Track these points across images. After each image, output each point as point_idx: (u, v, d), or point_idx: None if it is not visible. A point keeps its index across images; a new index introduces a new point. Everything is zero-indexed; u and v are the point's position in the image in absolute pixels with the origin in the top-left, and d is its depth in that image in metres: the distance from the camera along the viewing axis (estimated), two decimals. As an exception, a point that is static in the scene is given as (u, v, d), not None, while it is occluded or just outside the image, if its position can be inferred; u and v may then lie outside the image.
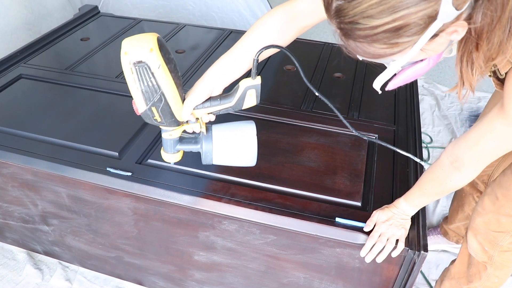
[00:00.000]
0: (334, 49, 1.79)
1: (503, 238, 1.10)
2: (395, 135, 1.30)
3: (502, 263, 1.15)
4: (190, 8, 2.62)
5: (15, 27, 2.23)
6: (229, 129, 0.94)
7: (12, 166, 1.22)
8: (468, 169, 0.85)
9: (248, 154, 0.94)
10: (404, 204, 0.98)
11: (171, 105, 0.85)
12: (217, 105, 0.90)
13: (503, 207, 1.07)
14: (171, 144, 0.95)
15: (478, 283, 1.23)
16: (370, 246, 0.98)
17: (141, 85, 0.80)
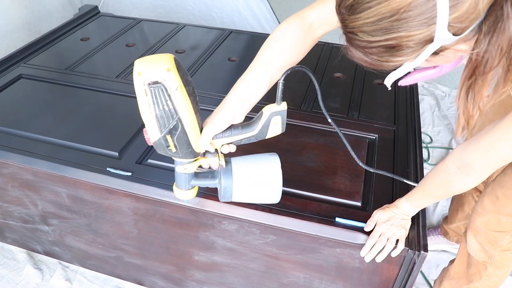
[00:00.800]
0: (334, 49, 1.79)
1: (503, 237, 1.10)
2: (395, 135, 1.30)
3: (502, 262, 1.15)
4: (190, 8, 2.62)
5: (15, 27, 2.23)
6: (251, 163, 0.85)
7: (12, 166, 1.22)
8: (476, 174, 0.83)
9: (271, 191, 0.84)
10: (406, 204, 0.97)
11: (188, 133, 0.75)
12: (239, 134, 0.81)
13: (504, 207, 1.06)
14: (185, 180, 0.85)
15: (479, 283, 1.23)
16: (370, 246, 0.97)
17: (156, 109, 0.72)
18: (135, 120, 1.32)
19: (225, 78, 1.56)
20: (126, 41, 1.81)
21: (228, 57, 1.70)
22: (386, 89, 1.64)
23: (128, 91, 1.47)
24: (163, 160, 1.18)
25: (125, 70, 1.60)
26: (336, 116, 1.37)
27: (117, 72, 1.58)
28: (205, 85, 1.51)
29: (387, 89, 0.76)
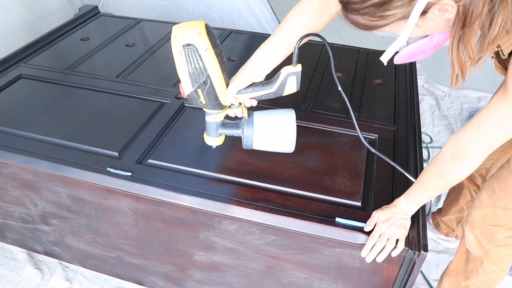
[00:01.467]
0: (334, 49, 1.79)
1: (498, 232, 1.11)
2: (395, 135, 1.30)
3: (498, 258, 1.16)
4: (190, 8, 2.62)
5: (15, 27, 2.23)
6: (270, 115, 0.98)
7: (12, 166, 1.22)
8: (470, 158, 0.85)
9: (287, 140, 0.97)
10: (404, 202, 0.98)
11: (216, 88, 0.89)
12: (259, 90, 0.94)
13: (500, 200, 1.07)
14: (214, 128, 0.99)
15: (476, 279, 1.23)
16: (370, 246, 0.98)
17: (189, 67, 0.84)
18: (135, 120, 1.33)
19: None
20: (126, 41, 1.81)
21: (228, 57, 1.70)
22: (386, 89, 1.65)
23: (128, 91, 1.47)
24: (163, 160, 1.18)
25: (125, 70, 1.60)
26: (336, 116, 1.37)
27: (117, 72, 1.58)
28: (205, 85, 1.51)
29: (383, 64, 0.84)
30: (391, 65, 1.72)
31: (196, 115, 1.37)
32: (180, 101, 1.41)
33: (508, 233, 1.11)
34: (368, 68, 1.66)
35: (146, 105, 1.41)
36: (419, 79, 2.64)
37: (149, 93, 1.45)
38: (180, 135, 1.28)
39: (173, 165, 1.17)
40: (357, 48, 1.81)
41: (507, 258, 1.17)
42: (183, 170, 1.16)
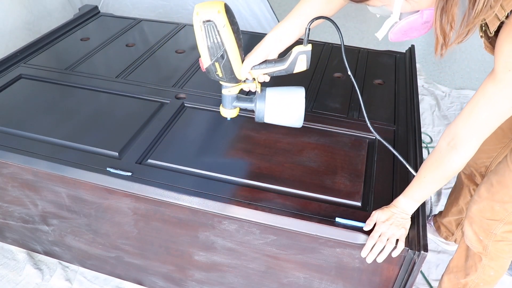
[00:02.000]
0: (334, 49, 1.79)
1: (496, 226, 1.12)
2: (395, 135, 1.30)
3: (496, 254, 1.17)
4: (190, 8, 2.62)
5: (15, 27, 2.23)
6: (281, 91, 1.05)
7: (12, 166, 1.22)
8: (464, 145, 0.87)
9: (296, 115, 1.05)
10: (404, 201, 0.98)
11: (232, 62, 0.96)
12: (272, 67, 1.00)
13: (497, 193, 1.09)
14: (229, 100, 1.06)
15: (475, 276, 1.24)
16: (370, 246, 0.98)
17: (208, 41, 0.92)
18: (135, 120, 1.33)
19: (225, 78, 1.56)
20: (126, 41, 1.81)
21: (228, 57, 1.70)
22: (386, 89, 1.64)
23: (128, 91, 1.47)
24: (163, 160, 1.18)
25: (125, 70, 1.60)
26: (336, 116, 1.37)
27: (117, 72, 1.58)
28: (205, 85, 1.51)
29: (378, 40, 0.88)
30: (391, 65, 1.72)
31: (196, 115, 1.37)
32: (180, 101, 1.41)
33: (506, 228, 1.11)
34: (368, 68, 1.66)
35: (146, 105, 1.41)
36: (419, 79, 2.64)
37: (149, 93, 1.45)
38: (180, 135, 1.28)
39: (173, 165, 1.17)
40: (357, 48, 1.81)
41: (506, 254, 1.17)
42: (183, 170, 1.16)
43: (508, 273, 1.59)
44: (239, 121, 1.35)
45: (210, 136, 1.28)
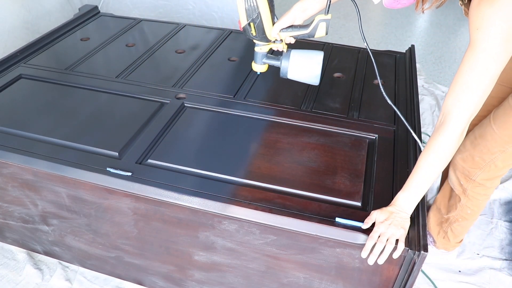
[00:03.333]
0: (334, 49, 1.79)
1: (475, 173, 1.29)
2: (395, 135, 1.30)
3: (473, 196, 1.35)
4: (190, 8, 2.62)
5: (13, 26, 2.22)
6: (303, 52, 1.22)
7: (12, 166, 1.22)
8: (453, 118, 0.92)
9: (314, 73, 1.22)
10: (402, 197, 0.99)
11: (264, 23, 1.14)
12: (297, 31, 1.15)
13: (478, 145, 1.25)
14: (260, 57, 1.24)
15: (455, 213, 1.43)
16: (370, 246, 0.96)
17: (246, 4, 1.10)
18: (135, 120, 1.33)
19: (225, 78, 1.56)
20: (126, 41, 1.81)
21: (228, 57, 1.70)
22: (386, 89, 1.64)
23: (128, 91, 1.47)
24: (163, 160, 1.18)
25: (125, 70, 1.60)
26: (336, 116, 1.37)
27: (117, 72, 1.58)
28: (205, 85, 1.51)
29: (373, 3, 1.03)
30: (391, 65, 1.72)
31: (196, 115, 1.37)
32: (180, 101, 1.41)
33: (483, 176, 1.29)
34: (368, 68, 1.66)
35: (146, 105, 1.41)
36: (419, 79, 2.64)
37: (149, 93, 1.45)
38: (180, 135, 1.28)
39: (173, 165, 1.17)
40: (357, 48, 1.81)
41: (481, 197, 1.35)
42: (183, 170, 1.16)
43: (508, 273, 1.60)
44: (239, 121, 1.35)
45: (210, 136, 1.28)
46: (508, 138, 1.18)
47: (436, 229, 1.56)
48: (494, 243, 1.71)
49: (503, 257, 1.66)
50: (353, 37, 3.32)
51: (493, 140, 1.20)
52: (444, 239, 1.55)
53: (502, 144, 1.20)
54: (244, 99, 1.44)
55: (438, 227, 1.54)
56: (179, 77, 1.55)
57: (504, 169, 1.27)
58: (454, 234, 1.50)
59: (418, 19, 3.75)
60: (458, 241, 1.55)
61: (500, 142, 1.19)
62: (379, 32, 3.40)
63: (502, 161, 1.24)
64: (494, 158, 1.23)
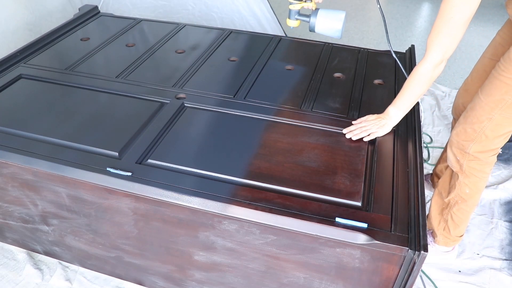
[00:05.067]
0: (334, 49, 1.79)
1: (468, 145, 1.36)
2: (395, 135, 1.30)
3: (469, 171, 1.40)
4: (190, 8, 2.62)
5: (16, 27, 2.23)
6: (328, 11, 1.45)
7: (12, 166, 1.22)
8: (429, 51, 1.14)
9: (336, 28, 1.44)
10: (391, 110, 1.28)
11: None
12: None
13: (469, 117, 1.33)
14: (293, 13, 1.49)
15: (454, 193, 1.47)
16: (352, 129, 1.28)
17: None
18: (135, 120, 1.33)
19: (225, 78, 1.56)
20: (126, 41, 1.81)
21: (228, 57, 1.70)
22: (386, 89, 1.64)
23: (128, 91, 1.47)
24: (163, 160, 1.18)
25: (125, 70, 1.60)
26: (336, 116, 1.37)
27: (117, 72, 1.58)
28: (205, 85, 1.51)
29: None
30: (391, 65, 1.72)
31: (196, 115, 1.37)
32: (180, 101, 1.41)
33: (476, 147, 1.34)
34: (368, 68, 1.66)
35: (146, 105, 1.41)
36: (419, 79, 2.64)
37: (149, 93, 1.45)
38: (180, 135, 1.28)
39: (173, 165, 1.17)
40: (357, 48, 1.81)
41: (477, 173, 1.40)
42: (183, 170, 1.16)
43: (508, 273, 1.60)
44: (239, 121, 1.35)
45: (210, 136, 1.28)
46: (493, 104, 1.26)
47: (437, 218, 1.58)
48: (494, 243, 1.71)
49: (503, 257, 1.66)
50: (353, 37, 3.32)
51: (481, 108, 1.29)
52: (444, 231, 1.56)
53: (489, 111, 1.27)
54: (244, 99, 1.44)
55: (439, 216, 1.57)
56: (179, 77, 1.55)
57: (494, 140, 1.32)
58: (454, 222, 1.52)
59: (418, 19, 3.75)
60: (459, 234, 1.56)
61: (487, 109, 1.27)
62: (379, 32, 3.40)
63: (491, 130, 1.30)
64: (483, 127, 1.30)
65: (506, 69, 1.21)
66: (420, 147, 1.25)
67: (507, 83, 1.22)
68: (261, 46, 1.79)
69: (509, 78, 1.21)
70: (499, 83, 1.23)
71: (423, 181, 1.14)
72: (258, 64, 1.66)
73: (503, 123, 1.28)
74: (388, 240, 0.97)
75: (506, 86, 1.22)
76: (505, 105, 1.24)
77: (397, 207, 1.06)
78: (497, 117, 1.27)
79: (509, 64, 1.20)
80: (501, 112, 1.25)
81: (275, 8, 2.56)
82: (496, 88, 1.24)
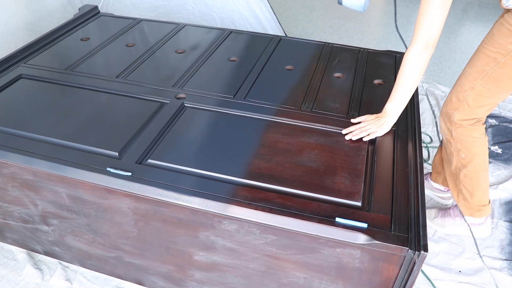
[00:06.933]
0: (334, 49, 1.79)
1: (453, 114, 1.45)
2: (395, 135, 1.30)
3: (458, 137, 1.49)
4: (190, 8, 2.62)
5: (16, 27, 2.23)
6: None
7: (12, 166, 1.22)
8: (415, 37, 1.19)
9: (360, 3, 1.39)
10: (389, 107, 1.29)
11: None
12: None
13: (455, 86, 1.44)
14: None
15: (455, 160, 1.55)
16: (352, 129, 1.29)
17: None
18: (135, 120, 1.33)
19: (225, 78, 1.56)
20: (126, 41, 1.81)
21: (228, 57, 1.70)
22: (386, 89, 1.64)
23: (128, 91, 1.47)
24: (163, 160, 1.18)
25: (125, 70, 1.60)
26: (336, 116, 1.37)
27: (117, 72, 1.58)
28: (205, 85, 1.51)
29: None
30: (391, 65, 1.72)
31: (196, 115, 1.37)
32: (180, 101, 1.41)
33: (459, 116, 1.44)
34: (368, 68, 1.66)
35: (146, 105, 1.41)
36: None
37: (149, 93, 1.45)
38: (180, 135, 1.28)
39: (173, 165, 1.17)
40: (357, 48, 1.81)
41: (466, 138, 1.48)
42: (183, 170, 1.16)
43: (508, 273, 1.59)
44: (239, 121, 1.35)
45: (210, 136, 1.28)
46: (476, 74, 1.35)
47: (455, 190, 1.63)
48: (494, 243, 1.71)
49: (503, 257, 1.66)
50: (353, 37, 3.32)
51: (465, 78, 1.40)
52: (464, 201, 1.61)
53: (472, 80, 1.37)
54: (244, 99, 1.44)
55: (455, 187, 1.62)
56: (179, 77, 1.55)
57: (475, 109, 1.41)
58: (467, 190, 1.57)
59: (418, 19, 3.74)
60: (479, 203, 1.60)
61: (470, 78, 1.37)
62: (379, 32, 3.40)
63: (473, 100, 1.39)
64: (466, 96, 1.40)
65: (488, 42, 1.32)
66: (420, 147, 1.25)
67: (489, 55, 1.31)
68: (261, 46, 1.79)
69: (491, 50, 1.30)
70: (481, 54, 1.34)
71: (423, 181, 1.14)
72: (258, 64, 1.66)
73: (483, 94, 1.37)
74: (388, 240, 0.97)
75: (487, 57, 1.31)
76: (486, 75, 1.33)
77: (397, 207, 1.06)
78: (479, 87, 1.36)
79: (491, 37, 1.30)
80: (482, 82, 1.35)
81: (275, 8, 2.56)
82: (479, 59, 1.34)
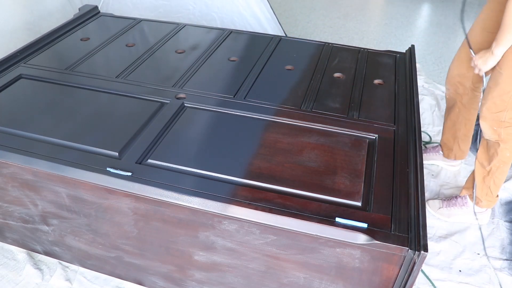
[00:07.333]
0: (334, 49, 1.79)
1: (502, 115, 1.49)
2: (395, 135, 1.30)
3: (507, 137, 1.53)
4: (190, 8, 2.62)
5: (15, 27, 2.23)
6: None
7: (12, 166, 1.22)
8: None
9: None
10: (493, 46, 1.38)
11: None
12: None
13: (495, 91, 1.47)
14: None
15: (496, 159, 1.59)
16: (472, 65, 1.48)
17: None
18: (135, 120, 1.33)
19: (225, 78, 1.56)
20: (126, 41, 1.81)
21: (228, 57, 1.70)
22: (386, 89, 1.65)
23: (128, 91, 1.47)
24: (163, 160, 1.18)
25: (125, 70, 1.60)
26: (336, 116, 1.37)
27: (117, 72, 1.58)
28: (205, 85, 1.51)
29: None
30: (391, 65, 1.72)
31: (196, 115, 1.37)
32: (180, 101, 1.41)
33: (509, 114, 1.48)
34: (368, 68, 1.66)
35: (146, 105, 1.41)
36: (419, 79, 2.64)
37: (149, 93, 1.45)
38: (180, 135, 1.28)
39: (173, 165, 1.17)
40: (357, 48, 1.81)
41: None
42: (183, 170, 1.16)
43: (509, 273, 1.59)
44: (239, 121, 1.35)
45: (210, 136, 1.28)
46: None
47: (481, 186, 1.70)
48: (495, 243, 1.71)
49: (504, 257, 1.66)
50: (353, 37, 3.32)
51: (503, 81, 1.44)
52: (487, 195, 1.70)
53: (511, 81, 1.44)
54: (244, 99, 1.44)
55: (482, 183, 1.69)
56: (179, 77, 1.55)
57: None
58: (496, 184, 1.67)
59: (418, 19, 3.75)
60: (496, 194, 1.72)
61: (509, 80, 1.43)
62: (379, 32, 3.40)
63: None
64: (511, 96, 1.45)
65: None
66: (420, 147, 1.25)
67: None
68: (261, 46, 1.79)
69: None
70: None
71: (423, 181, 1.14)
72: (258, 64, 1.66)
73: None
74: (388, 240, 0.97)
75: None
76: None
77: (397, 207, 1.06)
78: None
79: None
80: None
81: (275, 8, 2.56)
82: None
